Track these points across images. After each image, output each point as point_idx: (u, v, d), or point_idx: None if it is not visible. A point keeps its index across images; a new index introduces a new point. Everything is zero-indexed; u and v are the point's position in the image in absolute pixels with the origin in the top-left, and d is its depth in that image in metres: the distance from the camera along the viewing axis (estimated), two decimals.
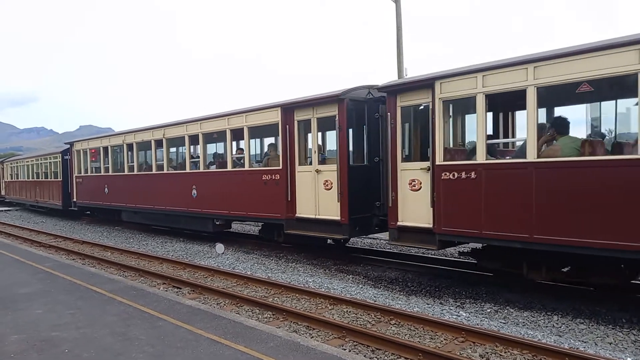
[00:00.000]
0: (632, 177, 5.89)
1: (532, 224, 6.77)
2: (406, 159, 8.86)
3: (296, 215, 10.77)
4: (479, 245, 8.15)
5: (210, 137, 13.58)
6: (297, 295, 7.98)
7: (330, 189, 10.10)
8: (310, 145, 10.91)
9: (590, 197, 6.23)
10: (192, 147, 14.38)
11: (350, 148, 10.23)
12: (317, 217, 10.37)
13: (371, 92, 9.91)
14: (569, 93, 7.26)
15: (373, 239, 13.00)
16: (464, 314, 6.88)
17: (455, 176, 7.69)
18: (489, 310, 7.16)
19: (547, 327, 6.43)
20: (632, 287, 7.40)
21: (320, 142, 10.93)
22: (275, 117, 11.03)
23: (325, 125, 10.63)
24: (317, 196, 10.41)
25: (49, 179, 23.86)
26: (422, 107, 8.56)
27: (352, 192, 9.75)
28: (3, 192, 34.02)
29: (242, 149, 12.46)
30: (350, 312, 7.00)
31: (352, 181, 9.78)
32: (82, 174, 20.11)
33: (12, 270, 9.65)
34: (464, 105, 8.23)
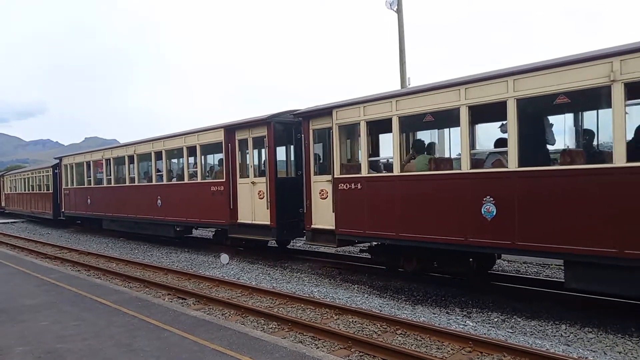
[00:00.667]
0: (449, 186, 7.86)
1: (397, 225, 8.59)
2: (317, 172, 10.56)
3: (238, 221, 12.49)
4: (374, 243, 9.88)
5: (172, 154, 15.48)
6: (302, 305, 7.94)
7: (262, 198, 11.81)
8: (248, 161, 12.68)
9: (429, 202, 8.13)
10: (157, 162, 16.11)
11: (278, 163, 12.05)
12: (254, 222, 12.05)
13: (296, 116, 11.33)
14: (420, 121, 8.82)
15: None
16: (471, 324, 6.82)
17: (348, 187, 9.53)
18: (496, 320, 7.10)
19: (555, 336, 6.36)
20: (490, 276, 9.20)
21: (257, 158, 12.82)
22: (220, 136, 12.91)
23: (259, 143, 12.32)
24: (253, 204, 12.12)
25: (41, 191, 26.15)
26: (327, 130, 10.15)
27: (279, 200, 11.46)
28: (3, 204, 36.14)
29: (196, 164, 14.22)
30: (356, 322, 6.95)
31: (279, 191, 11.50)
32: (69, 187, 21.93)
33: (18, 281, 9.66)
34: (353, 130, 9.83)
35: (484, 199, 7.33)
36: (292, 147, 12.38)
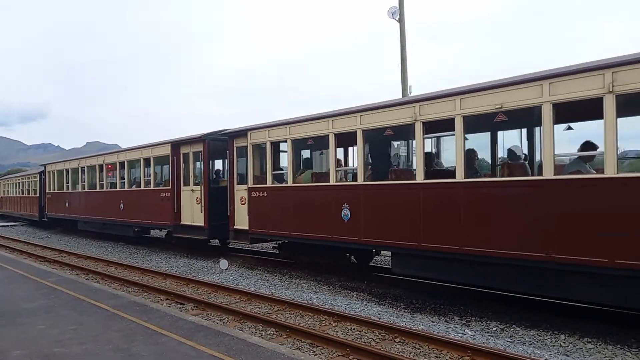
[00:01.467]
0: (322, 195, 10.13)
1: (291, 225, 10.81)
2: (238, 182, 12.82)
3: (181, 222, 14.80)
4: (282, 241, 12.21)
5: (132, 164, 17.70)
6: (300, 311, 7.92)
7: (199, 204, 14.05)
8: (189, 172, 14.76)
9: (311, 207, 10.37)
10: (121, 170, 18.27)
11: (212, 174, 14.50)
12: (192, 224, 14.33)
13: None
14: (305, 143, 11.02)
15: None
16: (470, 332, 6.80)
17: (258, 195, 11.83)
18: (495, 329, 7.08)
19: (554, 346, 6.34)
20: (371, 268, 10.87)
21: (196, 169, 14.64)
22: (167, 150, 15.27)
23: (197, 157, 14.43)
24: (193, 209, 14.36)
25: (30, 195, 28.78)
26: (244, 147, 12.37)
27: (211, 206, 13.63)
28: None
29: (150, 173, 16.59)
30: (354, 329, 6.94)
31: (211, 198, 13.71)
32: (52, 191, 24.58)
33: (16, 285, 9.64)
34: (262, 148, 11.87)
35: (343, 205, 9.59)
36: (224, 160, 14.71)
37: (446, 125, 7.97)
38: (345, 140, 10.34)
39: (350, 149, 11.93)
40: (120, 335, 6.02)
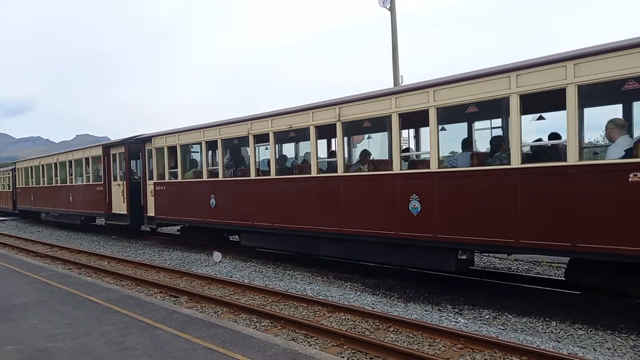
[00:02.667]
0: (197, 188, 13.36)
1: (182, 212, 14.06)
2: (149, 178, 15.72)
3: (112, 211, 17.90)
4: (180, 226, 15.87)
5: (78, 162, 20.70)
6: (295, 303, 7.95)
7: (123, 196, 17.03)
8: (117, 170, 17.82)
9: (193, 196, 13.45)
10: (69, 168, 21.42)
11: (132, 171, 17.26)
12: (119, 212, 17.40)
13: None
14: (188, 147, 14.61)
15: None
16: (463, 321, 6.86)
17: (160, 188, 14.93)
18: (487, 317, 7.15)
19: (545, 333, 6.42)
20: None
21: (124, 167, 17.23)
22: (100, 152, 18.49)
23: (122, 157, 17.25)
24: (119, 200, 17.35)
25: (5, 190, 31.78)
26: (150, 150, 15.48)
27: (132, 197, 16.56)
28: None
29: (90, 171, 19.67)
30: (348, 319, 6.97)
31: (132, 191, 16.60)
32: (20, 186, 27.90)
33: (8, 280, 9.58)
34: (163, 151, 14.83)
35: (210, 196, 12.75)
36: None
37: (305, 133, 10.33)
38: (212, 145, 13.31)
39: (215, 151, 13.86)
40: (114, 329, 6.00)
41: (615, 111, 7.63)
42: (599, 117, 7.66)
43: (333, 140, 11.18)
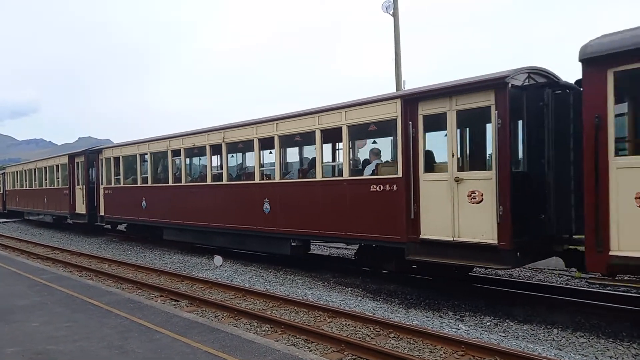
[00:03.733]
0: (133, 192, 16.48)
1: (126, 212, 16.96)
2: (102, 183, 18.58)
3: (75, 211, 20.98)
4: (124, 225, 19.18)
5: (52, 169, 23.68)
6: (295, 308, 7.93)
7: (83, 197, 20.25)
8: (79, 175, 20.90)
9: (130, 199, 16.47)
10: (39, 174, 25.42)
11: (91, 177, 20.09)
12: (81, 212, 20.45)
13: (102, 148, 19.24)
14: (131, 158, 17.17)
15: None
16: (464, 327, 6.84)
17: (108, 192, 18.08)
18: (488, 324, 7.12)
19: (547, 340, 6.39)
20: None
21: (86, 173, 20.33)
22: (66, 160, 21.65)
23: (83, 165, 20.45)
24: (81, 201, 20.44)
25: None
26: (103, 159, 18.56)
27: (89, 199, 19.83)
28: None
29: (59, 176, 22.73)
30: (349, 325, 6.95)
31: (90, 194, 19.75)
32: (9, 189, 31.90)
33: (9, 282, 9.58)
34: (112, 161, 17.96)
35: (142, 199, 15.92)
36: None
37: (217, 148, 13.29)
38: (143, 158, 16.43)
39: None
40: (114, 332, 6.00)
41: (383, 144, 10.30)
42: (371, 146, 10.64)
43: (218, 156, 13.43)
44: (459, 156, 8.11)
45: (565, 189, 7.15)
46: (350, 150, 10.13)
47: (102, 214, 18.68)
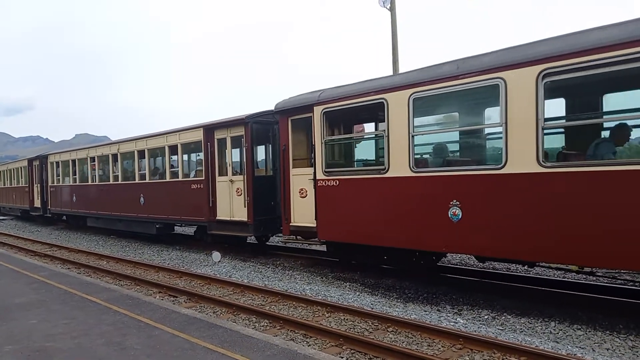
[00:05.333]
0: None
1: (65, 205, 21.50)
2: (51, 182, 22.99)
3: (34, 205, 25.03)
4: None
5: (18, 170, 28.39)
6: (294, 303, 7.95)
7: (39, 193, 24.31)
8: (36, 176, 25.21)
9: (74, 195, 20.59)
10: (8, 175, 31.06)
11: (44, 177, 24.32)
12: (37, 206, 24.65)
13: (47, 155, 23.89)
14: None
15: None
16: (462, 321, 6.86)
17: (53, 189, 22.57)
18: (486, 317, 7.15)
19: (544, 333, 6.42)
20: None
21: (39, 174, 24.78)
22: (26, 164, 26.12)
23: (36, 168, 24.95)
24: (37, 197, 24.66)
25: None
26: (52, 162, 22.93)
27: (43, 195, 24.00)
28: None
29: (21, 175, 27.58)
30: (347, 319, 6.97)
31: (43, 191, 23.96)
32: None
33: (7, 279, 9.57)
34: (54, 164, 22.60)
35: (73, 194, 20.53)
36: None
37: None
38: (73, 162, 20.92)
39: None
40: (112, 329, 6.00)
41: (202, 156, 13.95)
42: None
43: (116, 162, 17.88)
44: (233, 165, 12.71)
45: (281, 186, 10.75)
46: (183, 159, 14.80)
47: (49, 207, 23.25)
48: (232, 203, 12.26)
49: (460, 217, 7.28)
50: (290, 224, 10.30)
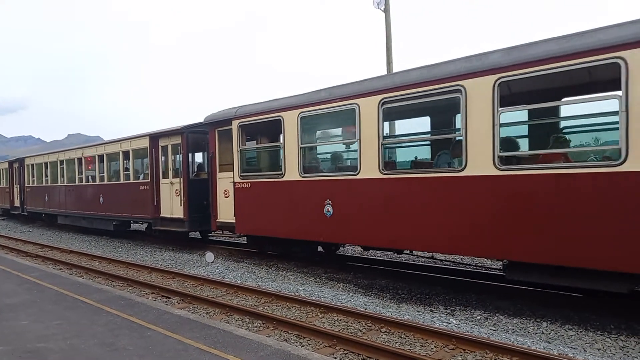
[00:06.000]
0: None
1: (40, 204, 23.22)
2: (27, 183, 24.98)
3: (14, 205, 26.93)
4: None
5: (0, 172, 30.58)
6: (287, 303, 7.94)
7: (17, 194, 27.29)
8: (15, 177, 27.36)
9: (46, 195, 22.60)
10: None
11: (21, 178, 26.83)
12: (16, 205, 26.80)
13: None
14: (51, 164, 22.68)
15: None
16: (454, 322, 6.89)
17: (29, 189, 24.71)
18: (479, 318, 7.18)
19: (536, 333, 6.46)
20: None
21: (19, 176, 26.98)
22: (7, 166, 28.12)
23: (16, 170, 27.21)
24: (16, 197, 26.99)
25: None
26: (25, 166, 25.50)
27: (22, 195, 26.06)
28: None
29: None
30: (340, 320, 6.98)
31: (22, 191, 25.63)
32: None
33: None
34: (29, 167, 24.98)
35: (45, 194, 22.51)
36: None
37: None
38: (46, 165, 22.87)
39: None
40: (105, 330, 5.98)
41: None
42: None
43: (81, 165, 19.85)
44: (173, 170, 14.41)
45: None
46: (134, 164, 16.49)
47: (26, 206, 25.06)
48: (172, 202, 14.17)
49: (332, 212, 9.25)
50: (217, 220, 12.24)
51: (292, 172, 9.94)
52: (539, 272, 6.71)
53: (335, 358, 5.61)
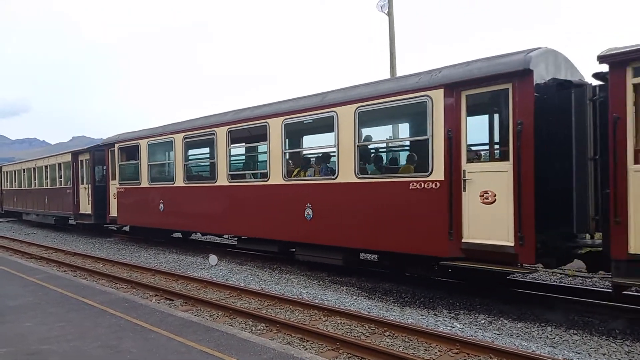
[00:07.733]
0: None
1: (11, 204, 29.71)
2: (7, 187, 31.37)
3: (2, 209, 32.27)
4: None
5: None
6: (290, 306, 7.93)
7: None
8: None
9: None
10: None
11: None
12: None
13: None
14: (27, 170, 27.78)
15: None
16: (458, 325, 6.86)
17: (6, 192, 31.89)
18: (483, 322, 7.15)
19: (541, 338, 6.43)
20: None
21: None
22: None
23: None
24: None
25: None
26: (2, 172, 32.83)
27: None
28: None
29: None
30: (344, 323, 6.96)
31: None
32: None
33: (2, 282, 9.52)
34: (7, 173, 31.71)
35: (14, 197, 29.19)
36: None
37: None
38: (23, 171, 27.19)
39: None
40: (108, 332, 5.98)
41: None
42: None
43: (39, 174, 24.50)
44: (86, 178, 19.17)
45: None
46: (65, 173, 21.28)
47: (2, 206, 30.83)
48: (86, 202, 19.28)
49: (163, 209, 14.60)
50: (109, 215, 17.61)
51: (144, 180, 15.18)
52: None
53: None
